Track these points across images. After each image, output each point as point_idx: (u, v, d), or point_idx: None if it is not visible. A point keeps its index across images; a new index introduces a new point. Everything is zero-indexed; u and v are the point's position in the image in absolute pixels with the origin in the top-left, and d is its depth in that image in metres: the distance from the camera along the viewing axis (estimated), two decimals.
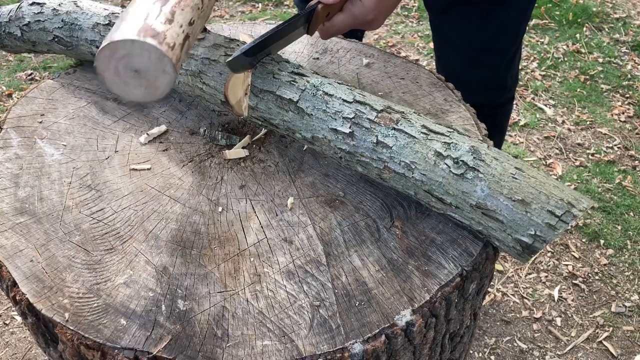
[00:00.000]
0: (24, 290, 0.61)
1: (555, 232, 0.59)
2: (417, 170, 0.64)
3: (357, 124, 0.67)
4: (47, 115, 0.85)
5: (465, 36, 1.10)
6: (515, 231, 0.61)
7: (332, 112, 0.68)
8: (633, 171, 1.97)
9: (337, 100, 0.69)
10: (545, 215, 0.59)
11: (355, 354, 0.57)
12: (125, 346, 0.56)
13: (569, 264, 1.65)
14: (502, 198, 0.61)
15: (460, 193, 0.63)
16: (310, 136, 0.71)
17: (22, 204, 0.71)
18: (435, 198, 0.65)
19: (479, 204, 0.62)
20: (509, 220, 0.61)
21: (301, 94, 0.70)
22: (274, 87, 0.71)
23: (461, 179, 0.62)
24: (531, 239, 0.60)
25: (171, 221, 0.69)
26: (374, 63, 0.98)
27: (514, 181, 0.61)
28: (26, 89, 2.06)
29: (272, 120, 0.73)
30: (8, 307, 1.50)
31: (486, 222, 0.63)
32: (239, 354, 0.56)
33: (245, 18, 2.95)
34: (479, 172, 0.62)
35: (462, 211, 0.64)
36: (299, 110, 0.70)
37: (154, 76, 0.59)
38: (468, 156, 0.63)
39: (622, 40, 2.74)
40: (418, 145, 0.65)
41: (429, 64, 2.54)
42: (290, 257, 0.65)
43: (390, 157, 0.66)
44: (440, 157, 0.63)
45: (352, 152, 0.68)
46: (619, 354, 1.43)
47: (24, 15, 0.92)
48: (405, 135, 0.65)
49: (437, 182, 0.64)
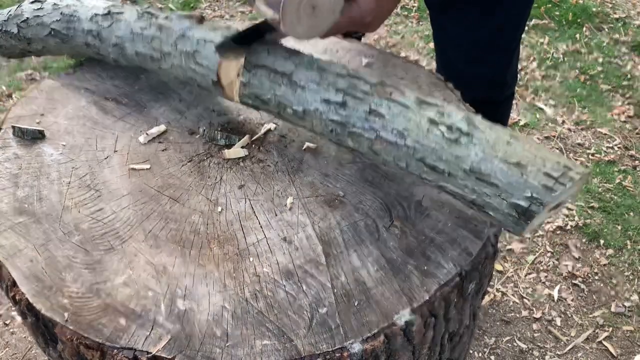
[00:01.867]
0: (23, 290, 0.61)
1: (553, 194, 0.58)
2: (409, 137, 0.64)
3: (349, 95, 0.67)
4: (47, 115, 0.85)
5: (466, 34, 1.10)
6: (510, 195, 0.59)
7: (325, 85, 0.68)
8: (633, 171, 1.97)
9: (331, 74, 0.69)
10: (542, 177, 0.58)
11: (354, 353, 0.57)
12: (125, 346, 0.56)
13: (569, 264, 1.65)
14: (496, 161, 0.60)
15: (453, 158, 0.62)
16: (301, 109, 0.70)
17: (22, 203, 0.71)
18: (427, 167, 0.64)
19: (472, 168, 0.61)
20: (504, 183, 0.59)
21: (295, 67, 0.70)
22: (269, 61, 0.71)
23: (455, 144, 0.61)
24: (527, 202, 0.59)
25: (170, 221, 0.69)
26: (374, 63, 0.98)
27: (509, 146, 0.60)
28: (26, 89, 2.06)
29: (264, 95, 0.72)
30: (8, 307, 1.50)
31: (480, 188, 0.61)
32: (238, 353, 0.56)
33: (245, 18, 2.95)
34: (473, 137, 0.61)
35: (456, 178, 0.62)
36: (292, 84, 0.70)
37: (325, 14, 0.68)
38: (462, 123, 0.62)
39: (622, 40, 2.74)
40: (411, 114, 0.64)
41: (429, 64, 2.54)
42: (289, 257, 0.65)
43: (382, 126, 0.65)
44: (434, 124, 0.63)
45: (344, 122, 0.67)
46: (618, 354, 1.43)
47: (24, 12, 0.92)
48: (399, 104, 0.65)
49: (431, 148, 0.63)
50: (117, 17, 0.84)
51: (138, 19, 0.82)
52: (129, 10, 0.85)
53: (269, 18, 0.67)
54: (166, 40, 0.79)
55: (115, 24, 0.84)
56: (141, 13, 0.83)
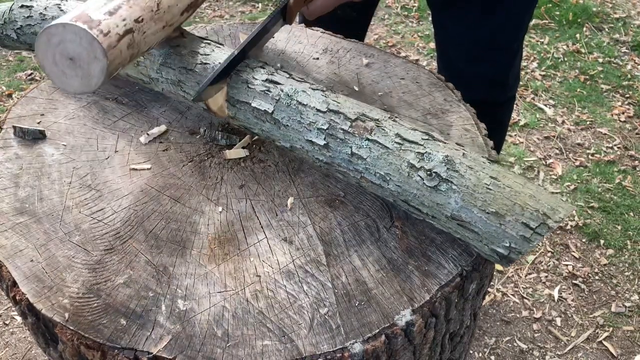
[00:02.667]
0: (24, 290, 0.61)
1: (530, 244, 0.59)
2: (392, 181, 0.65)
3: (331, 135, 0.68)
4: (47, 115, 0.85)
5: (467, 32, 1.10)
6: (490, 242, 0.61)
7: (306, 123, 0.69)
8: (633, 171, 1.97)
9: (311, 110, 0.69)
10: (520, 227, 0.59)
11: (355, 353, 0.57)
12: (125, 346, 0.56)
13: (569, 264, 1.65)
14: (475, 210, 0.61)
15: (435, 204, 0.63)
16: (289, 146, 0.72)
17: (22, 203, 0.71)
18: (412, 207, 0.66)
19: (453, 216, 0.62)
20: (483, 232, 0.61)
21: (275, 104, 0.71)
22: (249, 97, 0.72)
23: (435, 191, 0.63)
24: (506, 251, 0.61)
25: (171, 221, 0.69)
26: (374, 63, 0.98)
27: (488, 192, 0.61)
28: (26, 89, 2.06)
29: (252, 129, 0.75)
30: (8, 307, 1.50)
31: (463, 232, 0.63)
32: (239, 354, 0.56)
33: (245, 18, 2.95)
34: (452, 184, 0.62)
35: (440, 220, 0.64)
36: (275, 121, 0.71)
37: (87, 63, 0.61)
38: (441, 167, 0.63)
39: (622, 40, 2.74)
40: (392, 157, 0.65)
41: (429, 64, 2.54)
42: (290, 257, 0.65)
43: (365, 169, 0.67)
44: (414, 169, 0.63)
45: (329, 162, 0.69)
46: (619, 354, 1.43)
47: (16, 18, 0.92)
48: (379, 145, 0.65)
49: (412, 193, 0.64)
50: None
51: None
52: None
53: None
54: (151, 67, 0.80)
55: None
56: None
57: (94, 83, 0.62)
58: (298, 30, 1.08)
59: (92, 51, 0.60)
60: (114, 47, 0.61)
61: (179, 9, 0.72)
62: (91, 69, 0.61)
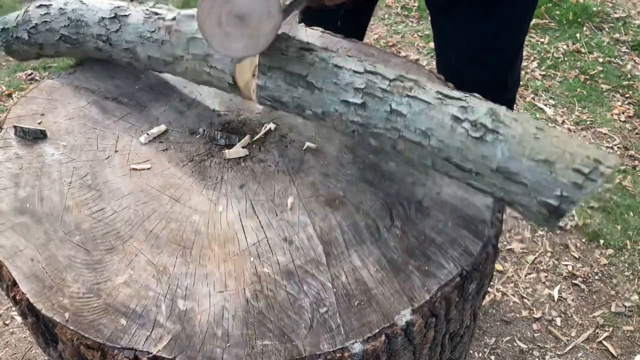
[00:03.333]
0: (24, 290, 0.61)
1: (584, 191, 0.56)
2: (433, 137, 0.62)
3: (369, 94, 0.65)
4: (47, 115, 0.85)
5: (467, 34, 1.10)
6: (540, 194, 0.57)
7: (342, 84, 0.66)
8: (633, 171, 1.97)
9: (347, 71, 0.67)
10: (571, 174, 0.56)
11: (355, 353, 0.57)
12: (125, 346, 0.56)
13: (569, 264, 1.65)
14: (524, 159, 0.58)
15: (480, 158, 0.60)
16: (321, 111, 0.69)
17: (22, 203, 0.71)
18: (454, 165, 0.62)
19: (500, 168, 0.59)
20: (532, 182, 0.58)
21: (310, 68, 0.68)
22: (283, 63, 0.69)
23: (480, 143, 0.59)
24: (558, 201, 0.57)
25: (171, 221, 0.69)
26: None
27: (536, 141, 0.58)
28: (26, 89, 2.06)
29: (282, 98, 0.71)
30: (8, 307, 1.50)
31: (509, 187, 0.59)
32: (239, 354, 0.56)
33: None
34: (499, 134, 0.59)
35: (483, 177, 0.61)
36: (308, 85, 0.68)
37: (259, 21, 0.58)
38: (486, 118, 0.60)
39: (622, 40, 2.74)
40: (434, 111, 0.62)
41: (429, 64, 2.54)
42: (290, 257, 0.65)
43: (405, 126, 0.63)
44: (458, 121, 0.61)
45: (365, 123, 0.66)
46: (619, 354, 1.43)
47: (31, 18, 0.91)
48: (420, 102, 0.63)
49: (456, 147, 0.61)
50: (124, 21, 0.83)
51: (145, 22, 0.81)
52: (134, 11, 0.84)
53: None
54: (177, 44, 0.78)
55: (123, 28, 0.83)
56: (147, 14, 0.82)
57: (262, 43, 0.60)
58: (298, 30, 1.08)
59: (267, 6, 0.58)
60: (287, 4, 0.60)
61: None
62: (262, 27, 0.59)
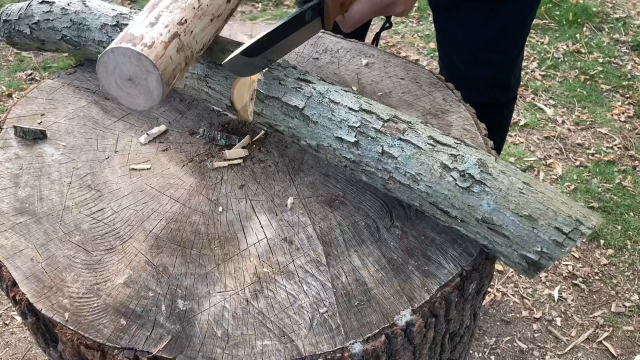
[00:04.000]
0: (24, 290, 0.61)
1: (563, 250, 0.58)
2: (422, 182, 0.63)
3: (362, 133, 0.66)
4: (47, 115, 0.85)
5: (469, 34, 1.10)
6: (521, 247, 0.60)
7: (337, 120, 0.68)
8: (633, 171, 1.97)
9: (343, 108, 0.68)
10: (552, 231, 0.58)
11: (355, 353, 0.57)
12: (125, 346, 0.56)
13: (569, 264, 1.65)
14: (508, 213, 0.59)
15: (466, 207, 0.62)
16: (315, 144, 0.70)
17: (22, 204, 0.71)
18: (440, 211, 0.64)
19: (485, 218, 0.61)
20: (515, 235, 0.60)
21: (307, 101, 0.69)
22: (280, 93, 0.70)
23: (467, 193, 0.61)
24: (537, 256, 0.59)
25: (171, 221, 0.69)
26: (374, 63, 0.98)
27: (521, 196, 0.60)
28: (26, 89, 2.06)
29: (278, 126, 0.73)
30: (8, 307, 1.50)
31: (492, 237, 0.62)
32: (238, 354, 0.56)
33: (245, 18, 2.95)
34: (486, 186, 0.61)
35: (468, 225, 0.63)
36: (304, 118, 0.69)
37: (144, 79, 0.63)
38: (475, 169, 0.61)
39: (622, 40, 2.74)
40: (424, 157, 0.63)
41: (429, 64, 2.54)
42: (290, 257, 0.65)
43: (395, 168, 0.65)
44: (447, 170, 0.62)
45: (357, 161, 0.67)
46: (619, 354, 1.43)
47: (34, 13, 0.91)
48: (412, 145, 0.64)
49: (443, 194, 0.63)
50: None
51: None
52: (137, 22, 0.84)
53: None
54: None
55: None
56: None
57: (156, 95, 0.64)
58: None
59: (143, 66, 0.61)
60: (162, 55, 0.62)
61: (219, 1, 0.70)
62: (149, 83, 0.63)
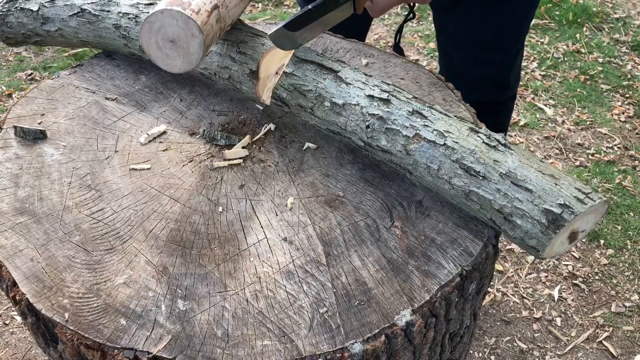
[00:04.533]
0: (23, 290, 0.61)
1: (584, 206, 0.60)
2: (449, 138, 0.66)
3: (394, 96, 0.71)
4: (47, 115, 0.85)
5: (469, 33, 1.10)
6: (544, 201, 0.61)
7: (371, 85, 0.72)
8: (633, 171, 1.97)
9: (376, 80, 0.73)
10: (574, 190, 0.61)
11: (355, 353, 0.57)
12: (125, 346, 0.56)
13: (569, 264, 1.65)
14: (532, 170, 0.63)
15: (491, 161, 0.64)
16: (341, 102, 0.72)
17: (22, 204, 0.71)
18: (462, 169, 0.65)
19: (509, 173, 0.63)
20: (538, 189, 0.62)
21: (342, 68, 0.74)
22: (318, 59, 0.75)
23: (493, 150, 0.65)
24: (560, 209, 0.60)
25: (171, 221, 0.69)
26: (374, 63, 0.98)
27: (542, 163, 0.64)
28: (26, 89, 2.06)
29: (304, 87, 0.75)
30: (8, 307, 1.50)
31: (513, 194, 0.63)
32: (238, 354, 0.56)
33: (245, 18, 2.95)
34: (510, 149, 0.65)
35: (489, 182, 0.64)
36: (337, 79, 0.73)
37: (186, 42, 0.68)
38: (500, 137, 0.66)
39: (622, 40, 2.74)
40: (453, 121, 0.68)
41: (429, 64, 2.54)
42: (290, 257, 0.65)
43: (424, 125, 0.68)
44: (474, 132, 0.67)
45: (385, 117, 0.70)
46: (619, 354, 1.43)
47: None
48: (440, 114, 0.69)
49: (469, 149, 0.65)
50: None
51: None
52: None
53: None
54: None
55: None
56: None
57: (194, 59, 0.69)
58: None
59: (189, 30, 0.67)
60: (206, 23, 0.67)
61: None
62: (190, 47, 0.68)
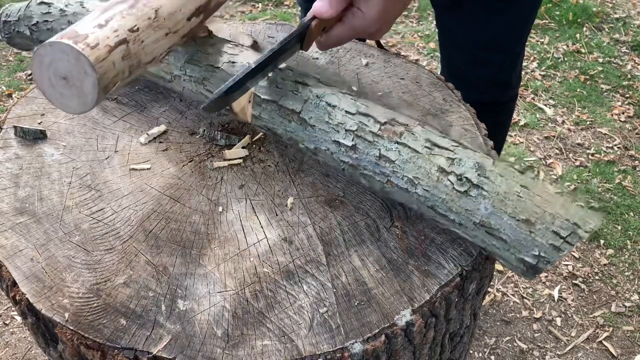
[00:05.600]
0: (23, 290, 0.61)
1: (560, 254, 0.58)
2: (420, 185, 0.63)
3: (359, 137, 0.66)
4: (47, 115, 0.85)
5: (471, 34, 1.10)
6: (518, 251, 0.59)
7: (334, 124, 0.67)
8: (633, 171, 1.97)
9: (340, 111, 0.68)
10: (550, 235, 0.58)
11: (355, 353, 0.57)
12: (125, 346, 0.56)
13: (569, 264, 1.65)
14: (505, 217, 0.59)
15: (463, 210, 0.61)
16: (313, 147, 0.70)
17: (22, 204, 0.71)
18: (438, 214, 0.64)
19: (482, 222, 0.61)
20: (512, 239, 0.59)
21: (304, 104, 0.69)
22: (277, 97, 0.71)
23: (464, 197, 0.61)
24: (535, 260, 0.59)
25: (171, 221, 0.69)
26: (374, 63, 0.98)
27: (519, 200, 0.59)
28: (26, 89, 2.06)
29: (275, 130, 0.73)
30: (8, 307, 1.50)
31: (489, 241, 0.61)
32: (238, 354, 0.56)
33: (245, 18, 2.95)
34: (483, 190, 0.60)
35: (466, 228, 0.63)
36: (301, 121, 0.69)
37: (79, 80, 0.59)
38: (472, 173, 0.61)
39: (622, 40, 2.74)
40: (421, 160, 0.63)
41: (429, 64, 2.54)
42: (290, 257, 0.65)
43: (393, 172, 0.65)
44: (444, 173, 0.62)
45: (355, 165, 0.67)
46: (619, 354, 1.43)
47: (32, 14, 0.91)
48: (409, 149, 0.64)
49: (440, 198, 0.62)
50: None
51: None
52: None
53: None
54: (175, 64, 0.79)
55: None
56: None
57: (89, 100, 0.60)
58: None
59: (80, 66, 0.57)
60: (104, 59, 0.59)
61: (184, 14, 0.70)
62: (84, 86, 0.59)
